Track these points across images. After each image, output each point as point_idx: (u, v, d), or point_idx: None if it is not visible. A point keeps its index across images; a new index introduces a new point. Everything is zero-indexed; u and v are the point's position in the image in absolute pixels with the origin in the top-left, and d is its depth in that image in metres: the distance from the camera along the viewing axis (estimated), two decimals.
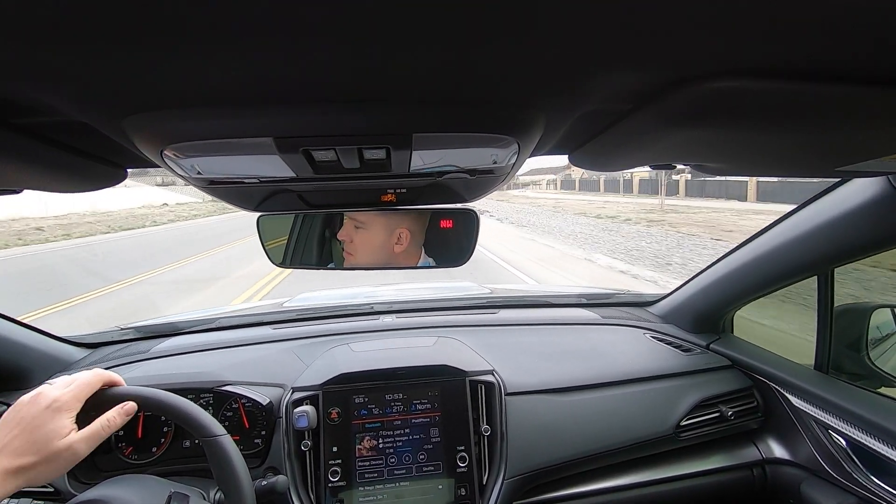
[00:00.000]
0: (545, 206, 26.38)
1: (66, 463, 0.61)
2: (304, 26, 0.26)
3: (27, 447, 0.58)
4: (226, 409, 1.03)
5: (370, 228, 0.85)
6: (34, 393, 0.64)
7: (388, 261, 0.87)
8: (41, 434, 0.59)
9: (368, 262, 0.88)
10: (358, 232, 0.86)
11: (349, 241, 0.86)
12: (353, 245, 0.87)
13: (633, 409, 1.12)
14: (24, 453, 0.58)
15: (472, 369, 1.09)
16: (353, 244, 0.86)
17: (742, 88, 0.34)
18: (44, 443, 0.59)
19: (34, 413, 0.61)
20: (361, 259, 0.87)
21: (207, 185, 0.58)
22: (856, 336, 1.10)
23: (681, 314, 1.43)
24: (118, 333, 1.36)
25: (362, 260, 0.88)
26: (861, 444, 0.94)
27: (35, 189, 0.62)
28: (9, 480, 0.56)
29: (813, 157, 0.53)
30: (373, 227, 0.85)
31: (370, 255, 0.87)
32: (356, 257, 0.88)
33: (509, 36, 0.28)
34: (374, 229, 0.85)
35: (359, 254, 0.87)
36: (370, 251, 0.86)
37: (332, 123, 0.40)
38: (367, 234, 0.85)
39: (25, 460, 0.58)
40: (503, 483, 0.99)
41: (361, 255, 0.87)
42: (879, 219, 0.83)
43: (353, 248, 0.87)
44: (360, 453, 1.00)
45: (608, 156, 0.60)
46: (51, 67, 0.30)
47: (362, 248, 0.86)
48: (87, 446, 0.63)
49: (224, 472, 0.69)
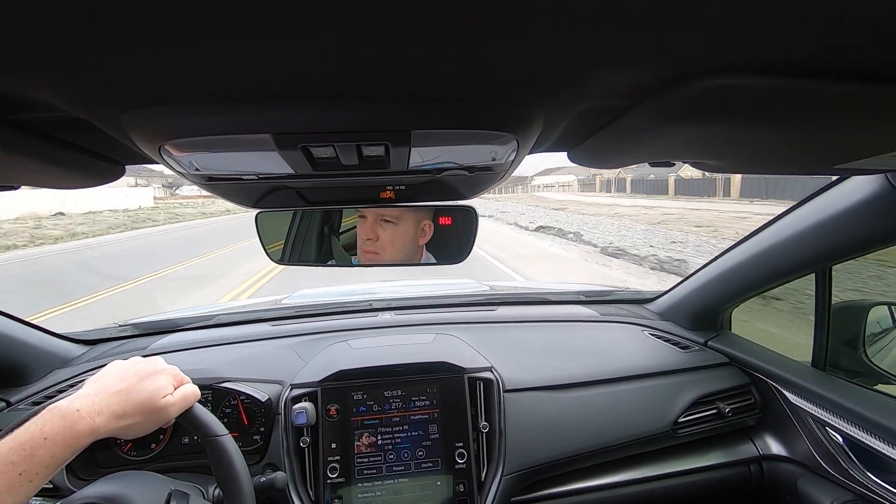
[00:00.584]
0: (602, 215, 17.99)
1: (159, 421, 0.66)
2: (302, 22, 0.26)
3: (136, 396, 0.64)
4: (224, 405, 1.03)
5: (402, 223, 0.83)
6: (151, 357, 0.71)
7: (412, 256, 0.84)
8: (152, 388, 0.65)
9: (395, 259, 0.84)
10: (386, 228, 0.83)
11: (374, 239, 0.83)
12: (379, 242, 0.83)
13: (631, 406, 1.13)
14: (133, 402, 0.63)
15: (471, 366, 1.09)
16: (381, 241, 0.83)
17: (741, 85, 0.34)
18: (150, 395, 0.65)
19: (152, 370, 0.68)
20: (388, 256, 0.84)
21: (206, 182, 0.58)
22: (853, 333, 1.11)
23: (679, 311, 1.43)
24: (116, 330, 1.36)
25: (389, 257, 0.84)
26: (858, 440, 0.94)
27: (32, 185, 0.62)
28: (113, 422, 0.60)
29: (811, 154, 0.53)
30: (405, 222, 0.83)
31: (399, 251, 0.84)
32: (383, 254, 0.84)
33: (508, 33, 0.28)
34: (406, 224, 0.83)
35: (387, 250, 0.83)
36: (400, 247, 0.83)
37: (330, 120, 0.39)
38: (398, 229, 0.83)
39: (132, 408, 0.63)
40: (501, 479, 0.99)
41: (390, 251, 0.83)
42: (877, 216, 0.83)
43: (379, 246, 0.83)
44: (358, 450, 1.00)
45: (607, 153, 0.60)
46: (48, 63, 0.30)
47: (391, 244, 0.83)
48: (178, 409, 0.68)
49: (225, 471, 0.70)
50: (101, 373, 0.66)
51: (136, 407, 0.63)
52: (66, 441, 0.54)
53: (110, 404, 0.61)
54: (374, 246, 0.84)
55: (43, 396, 1.06)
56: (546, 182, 64.11)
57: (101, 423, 0.58)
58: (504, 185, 10.10)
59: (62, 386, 1.09)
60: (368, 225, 0.83)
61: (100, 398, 0.61)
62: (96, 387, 0.63)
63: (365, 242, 0.84)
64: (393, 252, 0.84)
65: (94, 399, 0.60)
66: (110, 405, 0.61)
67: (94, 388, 0.63)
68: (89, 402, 0.59)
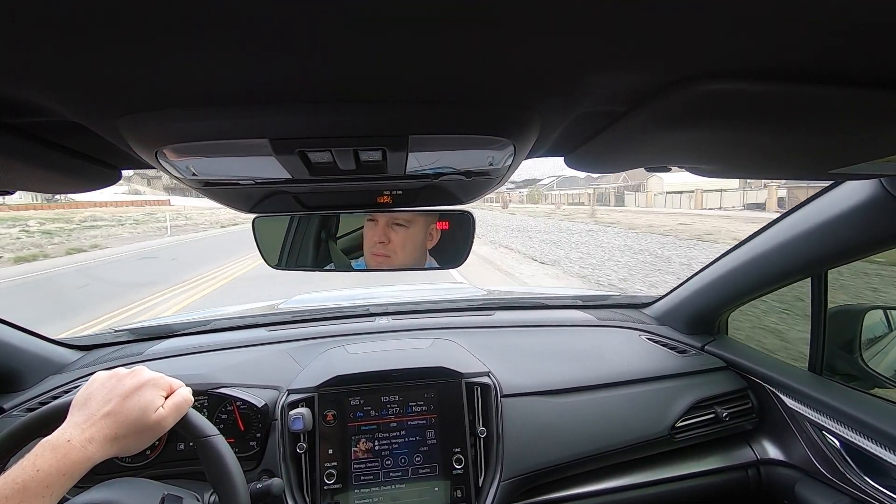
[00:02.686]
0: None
1: (155, 435, 0.65)
2: (299, 27, 0.26)
3: (126, 416, 0.62)
4: (221, 411, 1.02)
5: (413, 226, 0.84)
6: (134, 368, 0.69)
7: (419, 260, 0.84)
8: (140, 404, 0.64)
9: (404, 262, 0.85)
10: (398, 231, 0.83)
11: (386, 243, 0.84)
12: (390, 246, 0.84)
13: (628, 411, 1.12)
14: (123, 422, 0.62)
15: (469, 371, 1.09)
16: (391, 245, 0.84)
17: (737, 90, 0.35)
18: (140, 413, 0.63)
19: (135, 384, 0.65)
20: (398, 259, 0.84)
21: (203, 187, 0.58)
22: (849, 337, 1.11)
23: (676, 316, 1.43)
24: (112, 335, 1.35)
25: (399, 260, 0.84)
26: (855, 444, 0.94)
27: (28, 190, 0.62)
28: (106, 447, 0.59)
29: (807, 159, 0.53)
30: (416, 226, 0.84)
31: (409, 255, 0.84)
32: (393, 259, 0.84)
33: (504, 38, 0.28)
34: (417, 227, 0.84)
35: (398, 253, 0.84)
36: (411, 250, 0.84)
37: (327, 125, 0.39)
38: (410, 232, 0.84)
39: (124, 429, 0.61)
40: (499, 485, 0.99)
41: (401, 254, 0.84)
42: (872, 221, 0.84)
43: (390, 249, 0.84)
44: (355, 455, 1.00)
45: (604, 158, 0.61)
46: (44, 68, 0.30)
47: (402, 248, 0.84)
48: (173, 419, 0.67)
49: (217, 472, 0.69)
50: (86, 394, 0.65)
51: (128, 427, 0.62)
52: (61, 471, 0.54)
53: (101, 429, 0.59)
54: (385, 249, 0.84)
55: (37, 403, 1.05)
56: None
57: (94, 451, 0.57)
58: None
59: (56, 392, 1.08)
60: (380, 228, 0.84)
61: (88, 424, 0.59)
62: (84, 413, 0.61)
63: (376, 245, 0.84)
64: (403, 255, 0.84)
65: (83, 427, 0.59)
66: (101, 430, 0.59)
67: (82, 414, 0.61)
68: (79, 431, 0.58)
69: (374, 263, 0.85)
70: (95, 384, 0.66)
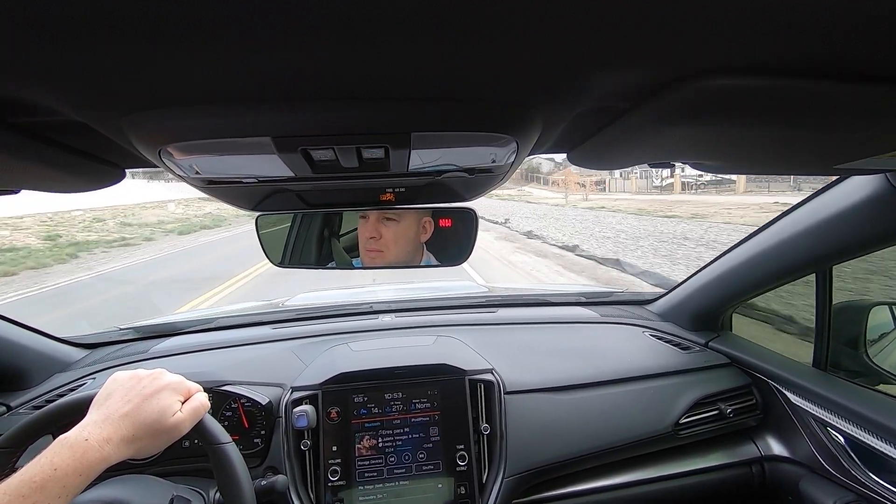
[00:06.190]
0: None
1: (171, 438, 0.65)
2: (302, 24, 0.26)
3: (144, 418, 0.62)
4: (225, 408, 1.02)
5: (403, 220, 0.83)
6: (154, 370, 0.68)
7: (414, 254, 0.84)
8: (159, 407, 0.63)
9: (398, 257, 0.84)
10: (388, 226, 0.83)
11: (377, 238, 0.83)
12: (382, 241, 0.83)
13: (632, 408, 1.12)
14: (141, 424, 0.61)
15: (472, 368, 1.09)
16: (383, 240, 0.83)
17: (740, 86, 0.34)
18: (158, 416, 0.63)
19: (155, 387, 0.65)
20: (391, 254, 0.84)
21: (206, 185, 0.58)
22: (854, 333, 1.10)
23: (680, 312, 1.43)
24: (117, 333, 1.36)
25: (392, 255, 0.84)
26: (859, 440, 0.94)
27: (33, 189, 0.62)
28: (123, 448, 0.59)
29: (811, 154, 0.53)
30: (406, 219, 0.83)
31: (402, 249, 0.84)
32: (386, 254, 0.84)
33: (507, 35, 0.28)
34: (408, 221, 0.83)
35: (391, 248, 0.84)
36: (404, 244, 0.84)
37: (330, 122, 0.39)
38: (400, 226, 0.83)
39: (141, 431, 0.61)
40: (503, 481, 0.99)
41: (393, 249, 0.84)
42: (878, 216, 0.83)
43: (382, 244, 0.83)
44: (359, 452, 1.00)
45: (607, 154, 0.60)
46: (48, 66, 0.30)
47: (395, 241, 0.83)
48: (190, 424, 0.67)
49: (226, 478, 0.69)
50: (105, 393, 0.65)
51: (146, 429, 0.62)
52: (78, 471, 0.53)
53: (118, 429, 0.59)
54: (377, 244, 0.84)
55: (43, 401, 1.06)
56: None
57: (110, 451, 0.57)
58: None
59: (62, 390, 1.09)
60: (371, 224, 0.83)
61: (107, 424, 0.59)
62: (103, 412, 0.61)
63: (368, 241, 0.84)
64: (396, 250, 0.84)
65: (101, 426, 0.59)
66: (118, 430, 0.59)
67: (100, 413, 0.61)
68: (97, 430, 0.58)
69: (368, 259, 0.85)
70: (115, 384, 0.66)
